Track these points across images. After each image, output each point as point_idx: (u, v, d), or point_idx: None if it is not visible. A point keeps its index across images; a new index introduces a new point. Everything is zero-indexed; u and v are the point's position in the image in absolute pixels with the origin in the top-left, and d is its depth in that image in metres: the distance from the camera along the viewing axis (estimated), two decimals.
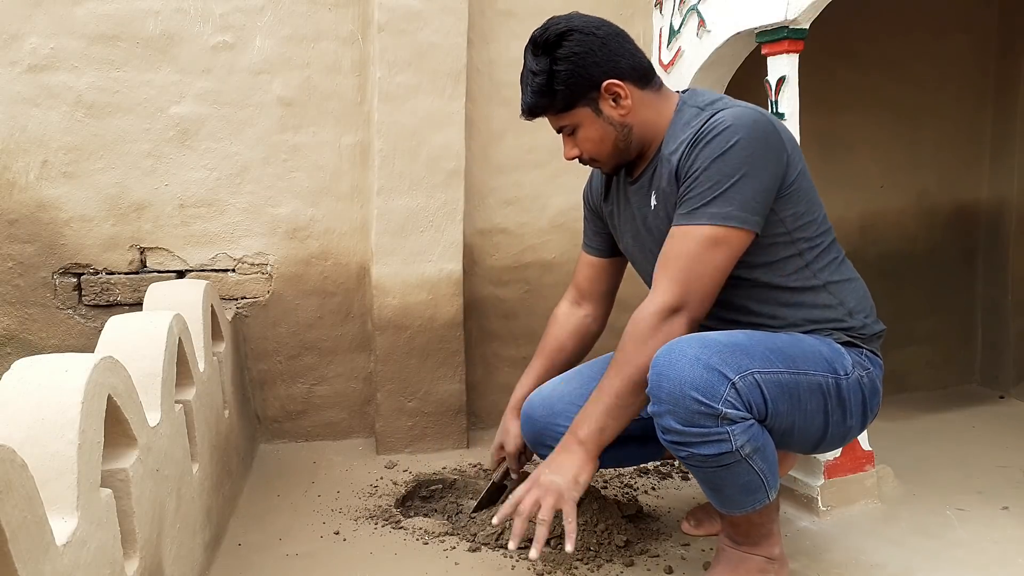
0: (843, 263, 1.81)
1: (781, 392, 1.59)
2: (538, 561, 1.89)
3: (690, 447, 1.55)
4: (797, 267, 1.73)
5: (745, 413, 1.54)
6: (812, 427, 1.68)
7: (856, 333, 1.76)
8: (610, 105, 1.71)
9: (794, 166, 1.69)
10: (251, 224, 2.66)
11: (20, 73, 2.49)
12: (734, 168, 1.60)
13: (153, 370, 1.57)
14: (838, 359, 1.70)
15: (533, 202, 2.81)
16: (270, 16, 2.60)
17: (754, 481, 1.60)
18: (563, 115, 1.74)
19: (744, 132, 1.61)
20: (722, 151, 1.61)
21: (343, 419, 2.80)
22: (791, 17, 2.07)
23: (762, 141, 1.63)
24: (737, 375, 1.54)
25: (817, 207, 1.76)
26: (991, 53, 3.25)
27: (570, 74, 1.67)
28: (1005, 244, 3.28)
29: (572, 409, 1.92)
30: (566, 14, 1.74)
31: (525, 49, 1.75)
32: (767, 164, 1.63)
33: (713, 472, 1.58)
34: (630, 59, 1.72)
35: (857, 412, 1.72)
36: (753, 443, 1.56)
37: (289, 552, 1.99)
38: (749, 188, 1.61)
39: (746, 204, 1.61)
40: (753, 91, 2.38)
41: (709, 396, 1.51)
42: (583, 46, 1.67)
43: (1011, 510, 2.16)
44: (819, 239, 1.75)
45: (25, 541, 0.92)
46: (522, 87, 1.76)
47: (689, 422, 1.53)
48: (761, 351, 1.60)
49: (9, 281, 2.56)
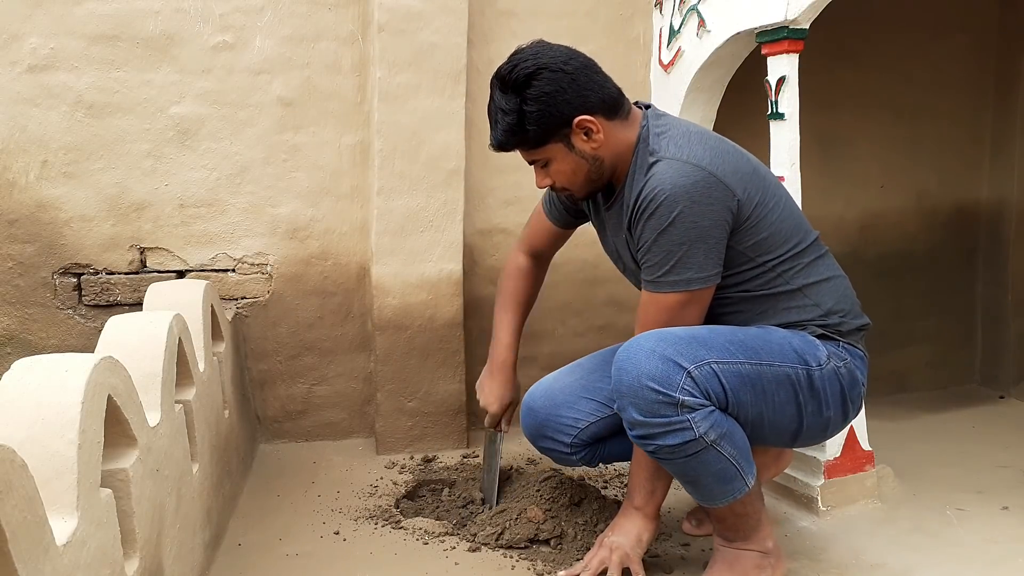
0: (821, 262, 1.80)
1: (742, 382, 1.63)
2: (538, 561, 1.90)
3: (655, 439, 1.60)
4: (768, 279, 1.75)
5: (703, 400, 1.59)
6: (784, 418, 1.70)
7: (833, 329, 1.77)
8: (582, 139, 1.70)
9: (749, 202, 1.68)
10: (251, 224, 2.66)
11: (20, 73, 2.48)
12: (681, 238, 1.63)
13: (153, 370, 1.57)
14: (810, 350, 1.72)
15: (533, 202, 2.78)
16: (270, 16, 2.60)
17: (727, 469, 1.63)
18: (535, 151, 1.74)
19: (684, 200, 1.61)
20: (666, 224, 1.63)
21: (343, 419, 2.80)
22: (791, 17, 2.07)
23: (703, 204, 1.62)
24: (692, 364, 1.59)
25: (785, 224, 1.74)
26: (991, 53, 3.26)
27: (541, 114, 1.66)
28: (1005, 244, 3.27)
29: (574, 400, 1.97)
30: (532, 47, 1.70)
31: (492, 83, 1.73)
32: (713, 224, 1.64)
33: (684, 463, 1.62)
34: (600, 92, 1.70)
35: (836, 403, 1.74)
36: (717, 429, 1.59)
37: (289, 552, 1.99)
38: (700, 252, 1.64)
39: (703, 265, 1.66)
40: (753, 91, 2.38)
41: (665, 385, 1.57)
42: (553, 84, 1.65)
43: (1011, 510, 2.16)
44: (789, 251, 1.75)
45: (25, 541, 0.92)
46: (490, 121, 1.74)
47: (650, 412, 1.58)
48: (720, 343, 1.64)
49: (9, 281, 2.56)
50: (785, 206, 1.77)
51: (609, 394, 1.94)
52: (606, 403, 1.95)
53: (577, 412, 1.96)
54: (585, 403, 1.97)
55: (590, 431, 1.96)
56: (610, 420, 1.94)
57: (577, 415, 1.96)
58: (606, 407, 1.94)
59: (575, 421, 1.96)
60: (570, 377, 2.03)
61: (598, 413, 1.95)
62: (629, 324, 2.92)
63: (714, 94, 2.62)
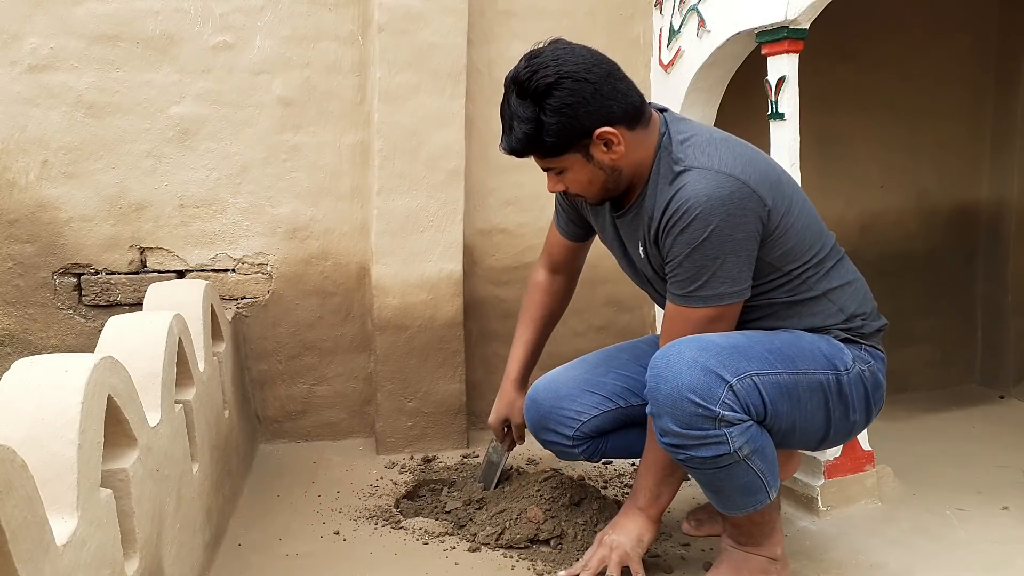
0: (841, 265, 1.79)
1: (780, 393, 1.60)
2: (538, 561, 1.90)
3: (688, 449, 1.56)
4: (793, 287, 1.73)
5: (743, 415, 1.55)
6: (814, 425, 1.69)
7: (855, 332, 1.76)
8: (602, 151, 1.63)
9: (777, 211, 1.64)
10: (251, 224, 2.66)
11: (20, 73, 2.48)
12: (715, 253, 1.58)
13: (153, 370, 1.57)
14: (837, 355, 1.70)
15: (533, 202, 2.81)
16: (270, 16, 2.60)
17: (754, 482, 1.61)
18: (551, 160, 1.67)
19: (718, 216, 1.56)
20: (701, 239, 1.57)
21: (343, 419, 2.80)
22: (791, 17, 2.07)
23: (737, 217, 1.57)
24: (735, 377, 1.55)
25: (809, 231, 1.72)
26: (991, 53, 3.25)
27: (561, 126, 1.58)
28: (1005, 244, 3.27)
29: (577, 393, 1.96)
30: (552, 50, 1.61)
31: (507, 85, 1.64)
32: (746, 236, 1.60)
33: (712, 474, 1.59)
34: (622, 101, 1.61)
35: (860, 407, 1.73)
36: (751, 444, 1.57)
37: (289, 552, 1.99)
38: (734, 266, 1.60)
39: (735, 280, 1.62)
40: (753, 91, 2.38)
41: (706, 399, 1.52)
42: (575, 96, 1.57)
43: (1011, 510, 2.16)
44: (813, 257, 1.72)
45: (25, 541, 0.92)
46: (504, 124, 1.66)
47: (687, 424, 1.54)
48: (759, 352, 1.61)
49: (9, 281, 2.56)
50: (807, 212, 1.73)
51: (613, 388, 1.95)
52: (610, 397, 1.95)
53: (580, 405, 1.96)
54: (588, 396, 1.96)
55: (593, 424, 1.95)
56: (613, 414, 1.95)
57: (580, 408, 1.95)
58: (609, 401, 1.94)
59: (578, 414, 1.95)
60: (574, 371, 2.03)
61: (602, 407, 1.95)
62: (629, 324, 2.93)
63: (714, 94, 2.61)
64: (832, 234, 1.81)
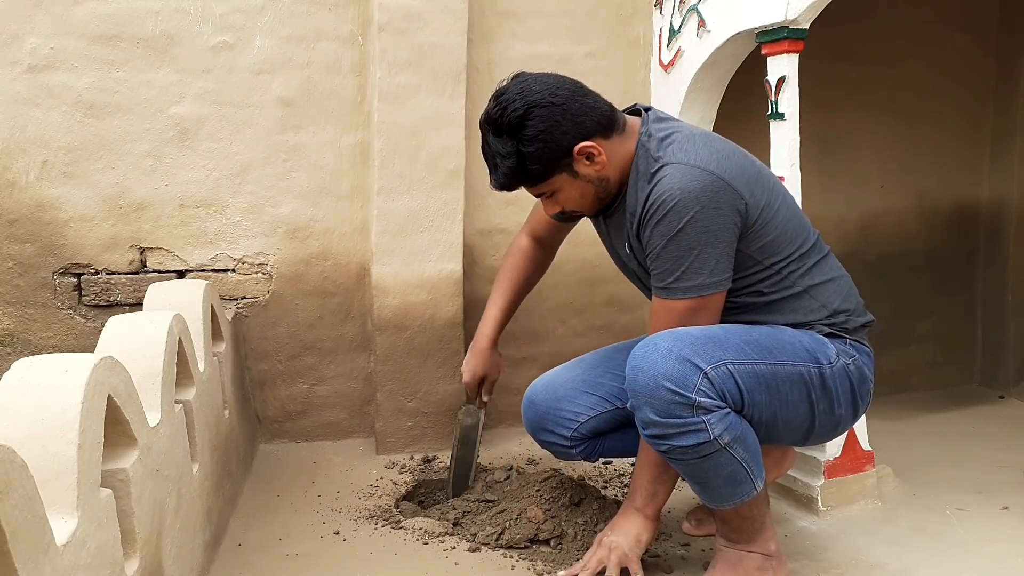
0: (825, 262, 1.80)
1: (757, 382, 1.62)
2: (537, 561, 1.90)
3: (669, 439, 1.59)
4: (775, 282, 1.75)
5: (719, 402, 1.58)
6: (797, 417, 1.70)
7: (839, 328, 1.78)
8: (585, 165, 1.69)
9: (756, 205, 1.67)
10: (251, 224, 2.66)
11: (20, 73, 2.48)
12: (692, 243, 1.62)
13: (153, 370, 1.57)
14: (820, 349, 1.72)
15: (533, 201, 2.80)
16: (270, 16, 2.60)
17: (738, 472, 1.63)
18: (540, 186, 1.74)
19: (694, 206, 1.60)
20: (676, 230, 1.61)
21: (343, 419, 2.80)
22: (791, 17, 2.07)
23: (711, 209, 1.61)
24: (709, 365, 1.58)
25: (790, 226, 1.74)
26: (991, 53, 3.26)
27: (541, 152, 1.65)
28: (1005, 244, 3.28)
29: (575, 394, 1.98)
30: (515, 84, 1.68)
31: (482, 127, 1.71)
32: (722, 228, 1.63)
33: (696, 464, 1.61)
34: (592, 115, 1.68)
35: (846, 400, 1.74)
36: (731, 432, 1.59)
37: (289, 552, 1.99)
38: (711, 257, 1.63)
39: (714, 270, 1.64)
40: (753, 91, 2.38)
41: (682, 386, 1.56)
42: (547, 121, 1.63)
43: (1011, 510, 2.16)
44: (795, 252, 1.74)
45: (25, 541, 0.92)
46: (488, 165, 1.73)
47: (665, 412, 1.57)
48: (736, 343, 1.64)
49: (9, 281, 2.56)
50: (789, 207, 1.77)
51: (611, 389, 1.95)
52: (607, 398, 1.96)
53: (578, 406, 1.97)
54: (586, 397, 1.97)
55: (590, 425, 1.96)
56: (610, 415, 1.96)
57: (578, 409, 1.97)
58: (607, 402, 1.96)
59: (575, 415, 1.96)
60: (572, 372, 2.04)
61: (599, 407, 1.96)
62: (629, 324, 2.93)
63: (714, 94, 2.62)
64: (817, 232, 1.83)
